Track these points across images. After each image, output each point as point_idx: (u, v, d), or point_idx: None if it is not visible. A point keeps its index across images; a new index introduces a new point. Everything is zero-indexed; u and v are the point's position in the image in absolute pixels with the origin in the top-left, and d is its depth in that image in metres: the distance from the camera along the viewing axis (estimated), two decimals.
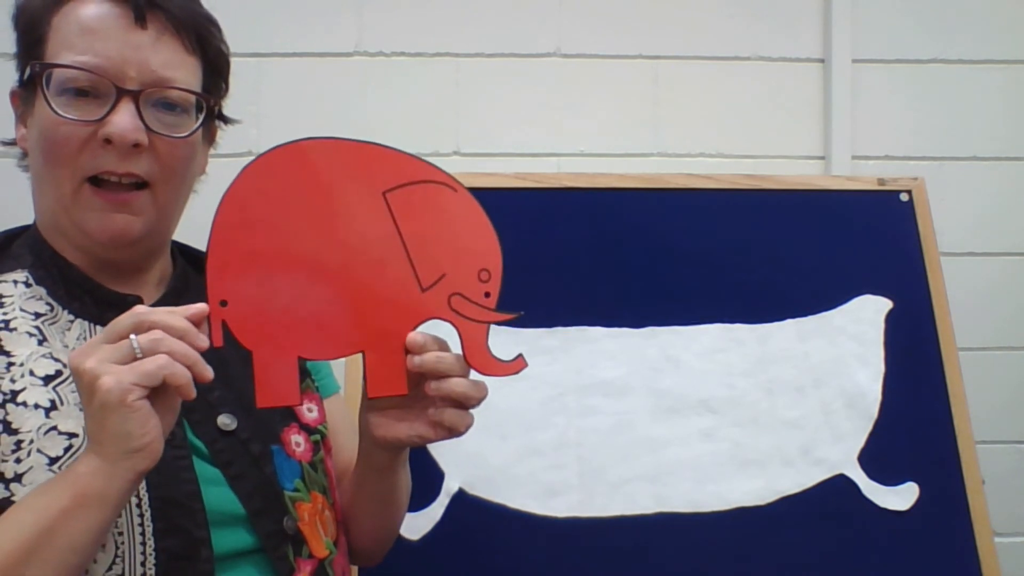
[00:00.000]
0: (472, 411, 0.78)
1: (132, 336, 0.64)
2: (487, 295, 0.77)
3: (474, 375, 0.77)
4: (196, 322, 0.67)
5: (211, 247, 0.72)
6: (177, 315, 0.67)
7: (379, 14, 1.56)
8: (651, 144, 1.59)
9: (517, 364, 0.77)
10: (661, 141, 1.59)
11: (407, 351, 0.75)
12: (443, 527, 1.14)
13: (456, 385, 0.75)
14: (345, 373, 1.13)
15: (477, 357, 0.76)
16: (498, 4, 1.57)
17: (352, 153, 0.76)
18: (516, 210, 1.24)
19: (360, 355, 0.76)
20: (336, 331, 0.75)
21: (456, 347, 0.77)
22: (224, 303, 0.71)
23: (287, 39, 1.55)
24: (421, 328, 0.76)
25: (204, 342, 0.67)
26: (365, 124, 1.55)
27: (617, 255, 1.26)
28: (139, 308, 0.67)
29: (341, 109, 1.55)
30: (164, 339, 0.65)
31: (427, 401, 0.77)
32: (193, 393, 0.66)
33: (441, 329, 0.76)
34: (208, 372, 0.67)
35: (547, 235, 1.26)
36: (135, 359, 0.64)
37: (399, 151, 0.76)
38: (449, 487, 1.16)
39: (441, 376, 0.75)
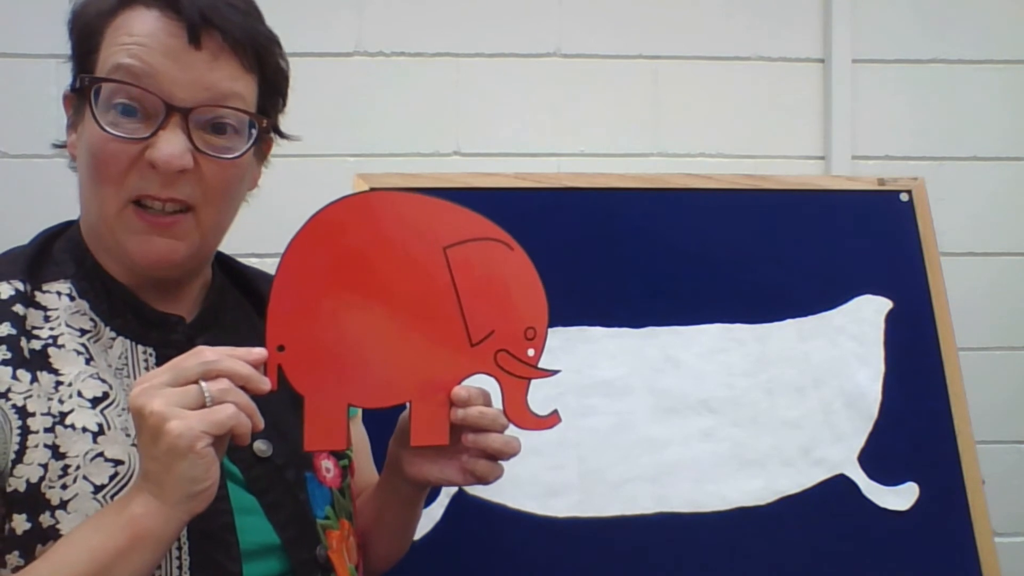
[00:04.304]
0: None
1: (203, 384, 0.65)
2: (531, 352, 0.80)
3: (511, 429, 0.80)
4: (254, 366, 0.68)
5: (274, 292, 0.73)
6: (241, 361, 0.67)
7: (379, 14, 1.56)
8: (651, 144, 1.59)
9: (552, 420, 0.81)
10: (661, 141, 1.59)
11: (451, 403, 0.78)
12: (443, 527, 1.14)
13: (493, 441, 0.79)
14: None
15: (516, 412, 0.80)
16: (498, 4, 1.57)
17: (417, 207, 0.78)
18: (516, 210, 1.24)
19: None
20: (387, 380, 0.77)
21: (495, 396, 0.80)
22: (281, 348, 0.72)
23: (287, 39, 1.53)
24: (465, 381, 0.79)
25: (267, 386, 0.68)
26: (365, 124, 1.55)
27: (617, 255, 1.26)
28: (207, 353, 0.67)
29: (341, 109, 1.55)
30: (232, 389, 0.66)
31: (461, 447, 0.80)
32: (248, 440, 0.68)
33: (483, 380, 0.79)
34: (261, 423, 0.68)
35: (547, 235, 1.25)
36: (203, 406, 0.64)
37: (462, 208, 0.79)
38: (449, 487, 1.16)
39: (481, 430, 0.78)
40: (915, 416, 1.23)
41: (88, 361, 0.74)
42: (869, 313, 1.27)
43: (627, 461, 1.19)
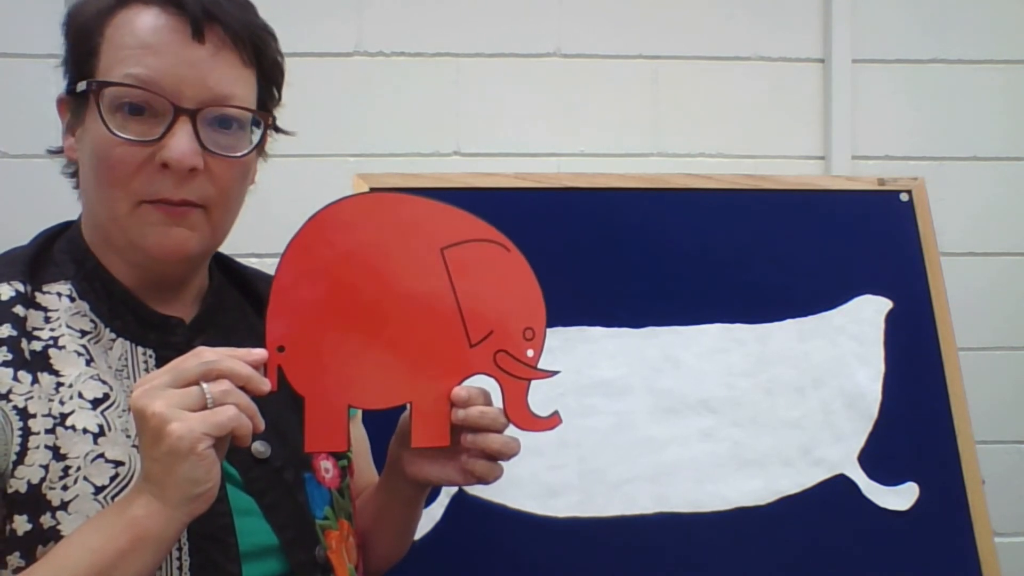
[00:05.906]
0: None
1: (204, 385, 0.65)
2: (530, 353, 0.80)
3: (511, 430, 0.80)
4: (254, 367, 0.68)
5: (273, 293, 0.73)
6: (241, 362, 0.67)
7: (379, 14, 1.56)
8: (651, 144, 1.59)
9: (553, 421, 0.81)
10: (661, 141, 1.59)
11: (452, 404, 0.78)
12: (443, 527, 1.14)
13: (492, 441, 0.79)
14: None
15: (517, 413, 0.80)
16: (498, 4, 1.57)
17: (414, 208, 0.78)
18: (516, 210, 1.24)
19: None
20: (387, 382, 0.77)
21: (496, 398, 0.80)
22: (281, 348, 0.73)
23: (287, 39, 1.53)
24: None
25: (267, 387, 0.68)
26: (365, 124, 1.55)
27: (617, 255, 1.26)
28: (207, 354, 0.67)
29: (341, 109, 1.55)
30: (232, 390, 0.66)
31: (461, 447, 0.80)
32: (249, 442, 0.68)
33: (482, 381, 0.79)
34: (262, 424, 0.68)
35: (547, 235, 1.26)
36: (204, 407, 0.64)
37: (458, 209, 0.79)
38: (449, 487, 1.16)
39: (481, 430, 0.78)
40: (915, 416, 1.23)
41: (89, 362, 0.74)
42: (869, 313, 1.27)
43: (627, 461, 1.19)
